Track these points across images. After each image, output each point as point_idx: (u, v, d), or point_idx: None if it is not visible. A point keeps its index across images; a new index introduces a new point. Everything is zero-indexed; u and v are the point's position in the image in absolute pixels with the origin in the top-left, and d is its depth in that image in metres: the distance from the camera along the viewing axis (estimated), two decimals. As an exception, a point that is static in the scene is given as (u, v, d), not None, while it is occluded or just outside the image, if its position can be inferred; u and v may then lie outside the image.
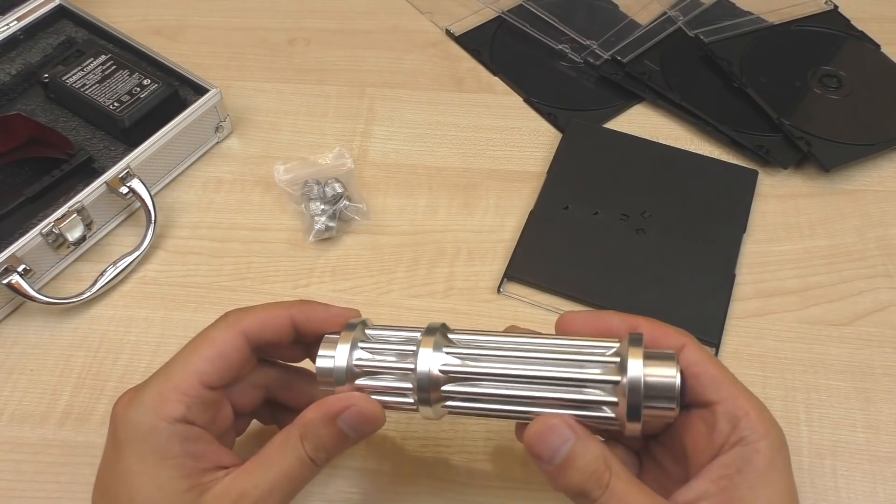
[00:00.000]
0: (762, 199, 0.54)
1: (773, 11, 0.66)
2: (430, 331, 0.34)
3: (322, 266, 0.51)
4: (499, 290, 0.50)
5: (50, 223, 0.48)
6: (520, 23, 0.66)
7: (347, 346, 0.34)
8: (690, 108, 0.59)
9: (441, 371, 0.33)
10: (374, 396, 0.34)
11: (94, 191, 0.50)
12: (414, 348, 0.33)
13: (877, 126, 0.58)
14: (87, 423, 0.44)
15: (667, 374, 0.30)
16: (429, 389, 0.33)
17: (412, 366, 0.33)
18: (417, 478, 0.42)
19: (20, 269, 0.47)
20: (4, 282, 0.46)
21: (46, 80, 0.56)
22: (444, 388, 0.33)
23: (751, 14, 0.66)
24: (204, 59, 0.64)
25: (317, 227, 0.51)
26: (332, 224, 0.52)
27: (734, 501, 0.30)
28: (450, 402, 0.33)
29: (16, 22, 0.60)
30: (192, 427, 0.33)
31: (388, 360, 0.34)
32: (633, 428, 0.31)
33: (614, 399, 0.31)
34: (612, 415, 0.31)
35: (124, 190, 0.51)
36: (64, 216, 0.49)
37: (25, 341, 0.48)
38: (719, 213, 0.53)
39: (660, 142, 0.57)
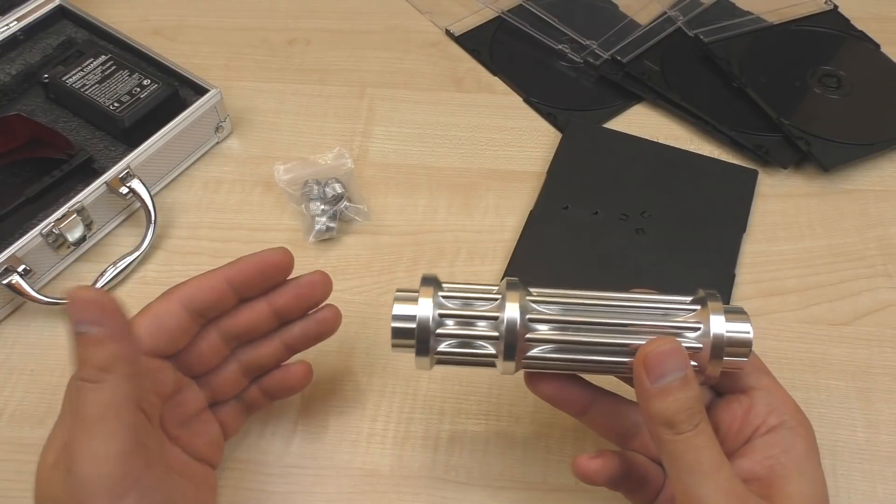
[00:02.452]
0: (762, 199, 0.55)
1: (773, 11, 0.66)
2: (511, 284, 0.33)
3: (322, 266, 0.51)
4: (499, 290, 0.50)
5: (50, 223, 0.48)
6: (519, 23, 0.66)
7: (430, 301, 0.33)
8: (690, 107, 0.59)
9: (530, 319, 0.32)
10: (451, 349, 0.33)
11: (94, 191, 0.50)
12: (499, 297, 0.33)
13: (876, 126, 0.58)
14: (87, 423, 0.44)
15: (743, 326, 0.32)
16: (516, 337, 0.32)
17: (498, 314, 0.33)
18: (417, 478, 0.42)
19: (20, 269, 0.47)
20: (5, 282, 0.46)
21: (46, 81, 0.56)
22: (531, 335, 0.32)
23: (750, 14, 0.66)
24: (204, 59, 0.64)
25: (317, 227, 0.51)
26: (332, 225, 0.52)
27: (781, 481, 0.31)
28: (532, 352, 0.33)
29: (16, 22, 0.60)
30: None
31: (474, 310, 0.33)
32: (714, 372, 0.32)
33: (699, 345, 0.32)
34: (695, 363, 0.32)
35: (124, 190, 0.51)
36: (64, 216, 0.49)
37: (26, 341, 0.48)
38: (719, 212, 0.53)
39: (659, 142, 0.57)
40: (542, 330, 0.33)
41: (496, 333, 0.33)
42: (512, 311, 0.32)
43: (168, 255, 0.52)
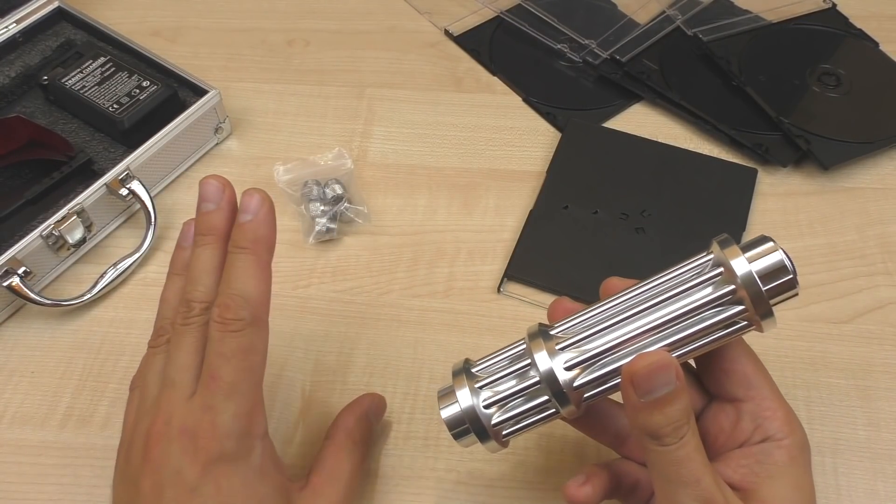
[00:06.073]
0: (761, 198, 0.55)
1: (772, 10, 0.66)
2: (533, 337, 0.33)
3: (322, 267, 0.51)
4: (499, 290, 0.50)
5: (50, 225, 0.48)
6: (518, 22, 0.66)
7: (468, 395, 0.33)
8: (689, 107, 0.59)
9: (566, 369, 0.32)
10: (514, 427, 0.33)
11: (93, 193, 0.50)
12: (528, 361, 0.33)
13: (876, 124, 0.58)
14: (88, 425, 0.44)
15: (771, 257, 0.30)
16: (565, 393, 0.32)
17: (537, 379, 0.32)
18: (418, 478, 0.42)
19: (20, 271, 0.47)
20: (5, 284, 0.46)
21: (46, 83, 0.56)
22: (577, 383, 0.32)
23: (749, 13, 0.66)
24: (203, 60, 0.64)
25: (317, 228, 0.51)
26: (332, 226, 0.52)
27: (755, 487, 0.31)
28: (586, 395, 0.32)
29: (14, 24, 0.60)
30: (271, 441, 0.34)
31: (514, 387, 0.33)
32: (770, 324, 0.31)
33: (741, 307, 0.30)
34: (745, 322, 0.31)
35: (124, 192, 0.51)
36: (64, 218, 0.49)
37: (26, 343, 0.48)
38: (719, 211, 0.53)
39: (659, 141, 0.57)
40: (586, 369, 0.32)
41: (546, 398, 0.32)
42: (549, 374, 0.32)
43: (168, 256, 0.51)
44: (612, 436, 0.36)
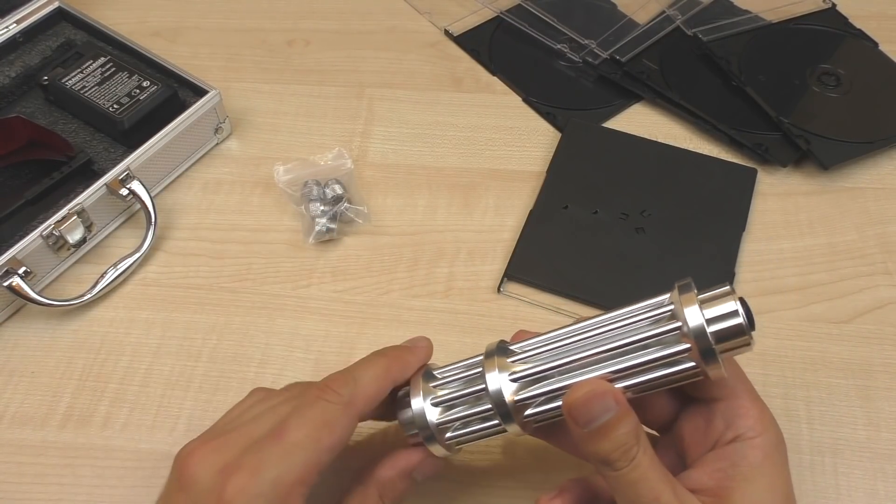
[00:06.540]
0: (761, 198, 0.55)
1: (772, 10, 0.66)
2: (489, 352, 0.34)
3: (322, 267, 0.51)
4: (499, 290, 0.50)
5: (50, 225, 0.48)
6: (518, 22, 0.66)
7: (420, 396, 0.35)
8: (689, 106, 0.59)
9: (511, 380, 0.33)
10: (459, 431, 0.35)
11: (94, 193, 0.50)
12: (480, 370, 0.34)
13: (875, 124, 0.58)
14: (88, 424, 0.44)
15: (726, 308, 0.30)
16: (506, 403, 0.33)
17: (483, 386, 0.33)
18: (419, 478, 0.42)
19: (21, 271, 0.47)
20: (5, 284, 0.46)
21: (46, 83, 0.56)
22: (518, 396, 0.33)
23: (749, 12, 0.66)
24: (203, 60, 0.64)
25: (317, 228, 0.52)
26: (332, 226, 0.52)
27: (728, 492, 0.31)
28: (529, 411, 0.33)
29: (15, 24, 0.60)
30: None
31: (461, 390, 0.35)
32: (717, 373, 0.31)
33: (685, 346, 0.30)
34: (691, 363, 0.31)
35: (124, 192, 0.51)
36: (64, 218, 0.49)
37: (26, 343, 0.48)
38: (719, 211, 0.53)
39: (659, 141, 0.57)
40: (530, 385, 0.33)
41: (489, 406, 0.34)
42: (493, 382, 0.33)
43: (168, 256, 0.52)
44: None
